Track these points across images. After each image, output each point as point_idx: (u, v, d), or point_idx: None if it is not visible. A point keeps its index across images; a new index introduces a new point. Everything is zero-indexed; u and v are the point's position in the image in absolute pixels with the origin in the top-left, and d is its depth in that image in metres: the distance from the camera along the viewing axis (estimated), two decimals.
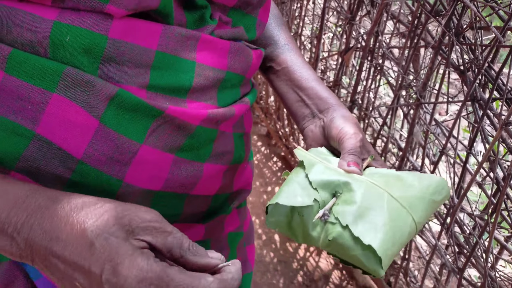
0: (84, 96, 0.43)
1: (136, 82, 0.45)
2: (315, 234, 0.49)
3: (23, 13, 0.40)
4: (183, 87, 0.48)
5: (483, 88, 0.92)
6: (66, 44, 0.41)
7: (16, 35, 0.40)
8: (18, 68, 0.41)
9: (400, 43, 1.28)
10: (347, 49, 1.32)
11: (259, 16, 0.57)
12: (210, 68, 0.49)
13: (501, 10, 0.81)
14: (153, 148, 0.47)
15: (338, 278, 1.66)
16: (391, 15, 1.13)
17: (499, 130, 0.80)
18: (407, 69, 1.08)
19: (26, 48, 0.41)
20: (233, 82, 0.53)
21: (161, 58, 0.46)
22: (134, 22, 0.44)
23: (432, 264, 1.26)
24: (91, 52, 0.43)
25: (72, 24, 0.41)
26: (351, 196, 0.48)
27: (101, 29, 0.42)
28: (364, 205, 0.47)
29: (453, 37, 0.89)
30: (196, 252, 0.40)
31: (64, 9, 0.41)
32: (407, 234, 0.48)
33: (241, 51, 0.53)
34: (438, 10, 0.96)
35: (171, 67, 0.47)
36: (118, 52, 0.44)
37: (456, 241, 1.05)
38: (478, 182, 0.96)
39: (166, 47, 0.46)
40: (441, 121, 1.08)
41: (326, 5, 1.38)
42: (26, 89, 0.42)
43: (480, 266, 0.99)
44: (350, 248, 0.47)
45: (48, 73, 0.41)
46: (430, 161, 1.13)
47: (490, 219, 0.89)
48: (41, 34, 0.41)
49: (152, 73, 0.46)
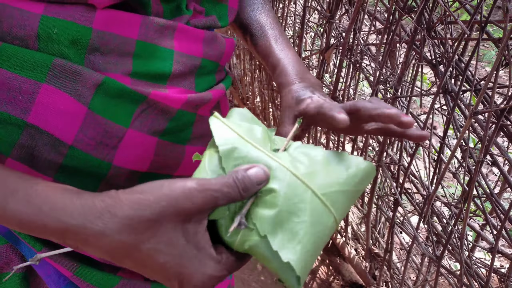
0: (72, 85, 0.45)
1: (120, 70, 0.48)
2: (228, 239, 0.42)
3: (11, 8, 0.42)
4: (163, 74, 0.51)
5: (454, 80, 0.95)
6: (54, 37, 0.44)
7: (6, 29, 0.42)
8: (8, 61, 0.43)
9: (377, 40, 1.31)
10: (327, 47, 1.35)
11: (230, 3, 0.60)
12: (187, 55, 0.52)
13: (468, 4, 0.85)
14: (138, 131, 0.50)
15: (325, 273, 1.68)
16: (368, 12, 1.17)
17: (469, 119, 0.83)
18: (384, 65, 1.11)
19: (15, 42, 0.43)
20: (209, 69, 0.56)
21: (142, 47, 0.49)
22: (115, 13, 0.47)
23: (414, 255, 1.29)
24: (77, 43, 0.45)
25: (59, 18, 0.44)
26: (272, 197, 0.42)
27: (85, 21, 0.45)
28: (285, 209, 0.41)
29: (425, 32, 0.92)
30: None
31: (49, 3, 0.43)
32: (327, 237, 0.44)
33: (215, 39, 0.56)
34: (411, 7, 0.99)
35: (151, 55, 0.50)
36: (102, 42, 0.46)
37: (434, 230, 1.08)
38: (453, 171, 0.99)
39: (145, 36, 0.49)
40: (417, 115, 1.11)
41: (306, 4, 1.41)
42: (17, 81, 0.44)
43: (457, 253, 1.02)
44: (267, 259, 0.42)
45: (38, 65, 0.44)
46: (407, 153, 1.16)
47: (464, 207, 0.92)
48: (29, 28, 0.43)
49: (134, 61, 0.49)
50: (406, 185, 1.15)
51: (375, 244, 1.50)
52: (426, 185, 1.03)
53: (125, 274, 0.55)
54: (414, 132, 0.50)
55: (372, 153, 1.45)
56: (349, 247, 1.65)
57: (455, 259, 1.07)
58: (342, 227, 1.70)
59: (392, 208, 1.19)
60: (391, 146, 1.23)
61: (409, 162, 1.07)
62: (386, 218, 1.39)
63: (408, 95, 1.02)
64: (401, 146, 1.12)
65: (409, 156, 1.15)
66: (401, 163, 1.13)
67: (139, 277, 0.57)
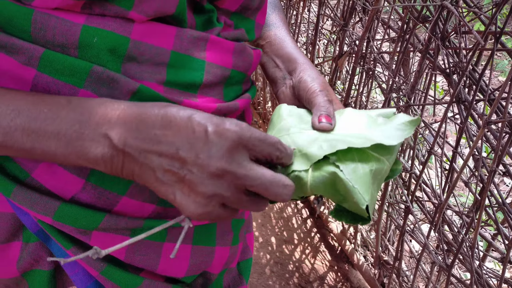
0: (108, 91, 0.47)
1: (155, 79, 0.50)
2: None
3: (55, 18, 0.44)
4: (195, 83, 0.52)
5: (468, 89, 0.96)
6: (93, 45, 0.46)
7: (49, 37, 0.45)
8: (49, 66, 0.45)
9: (390, 48, 1.32)
10: (340, 54, 1.36)
11: (257, 19, 0.62)
12: (217, 66, 0.54)
13: (482, 15, 0.86)
14: None
15: (333, 279, 1.68)
16: (382, 21, 1.18)
17: (482, 128, 0.84)
18: (397, 73, 1.12)
19: (57, 49, 0.45)
20: (237, 79, 0.58)
21: (176, 57, 0.51)
22: (152, 25, 0.49)
23: (423, 264, 1.29)
24: (115, 52, 0.47)
25: (99, 27, 0.46)
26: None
27: (124, 32, 0.47)
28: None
29: (439, 41, 0.93)
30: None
31: (91, 15, 0.46)
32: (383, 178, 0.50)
33: (244, 50, 0.58)
34: (425, 16, 1.00)
35: (184, 65, 0.51)
36: (138, 51, 0.48)
37: (445, 239, 1.08)
38: (465, 180, 0.99)
39: (180, 47, 0.51)
40: (430, 123, 1.12)
41: (320, 12, 1.42)
42: (56, 85, 0.46)
43: (467, 263, 1.02)
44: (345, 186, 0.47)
45: (77, 71, 0.46)
46: (419, 161, 1.17)
47: (475, 216, 0.92)
48: (71, 36, 0.45)
49: (168, 70, 0.50)
50: (417, 193, 1.15)
51: (385, 252, 1.50)
52: (438, 194, 1.03)
53: (148, 275, 0.57)
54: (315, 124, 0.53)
55: None
56: (358, 254, 1.65)
57: (465, 268, 1.06)
58: (351, 234, 1.70)
59: (403, 216, 1.20)
60: (403, 154, 1.24)
61: (421, 170, 1.08)
62: (396, 225, 1.39)
63: (422, 104, 1.03)
64: (413, 154, 1.13)
65: (421, 164, 1.15)
66: (412, 171, 1.14)
67: (161, 278, 0.58)
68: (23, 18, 0.43)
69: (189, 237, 0.59)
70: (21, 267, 0.54)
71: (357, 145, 0.47)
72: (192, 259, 0.59)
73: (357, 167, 0.47)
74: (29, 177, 0.49)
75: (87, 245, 0.53)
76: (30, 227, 0.52)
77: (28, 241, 0.54)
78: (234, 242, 0.65)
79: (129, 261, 0.54)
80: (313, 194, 0.49)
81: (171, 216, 0.56)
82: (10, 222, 0.52)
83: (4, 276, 0.54)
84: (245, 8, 0.59)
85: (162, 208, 0.55)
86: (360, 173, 0.46)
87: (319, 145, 0.48)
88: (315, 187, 0.47)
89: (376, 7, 1.10)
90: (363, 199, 0.45)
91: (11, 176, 0.50)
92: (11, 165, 0.49)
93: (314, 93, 0.58)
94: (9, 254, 0.53)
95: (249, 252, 0.72)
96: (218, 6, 0.56)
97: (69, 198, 0.50)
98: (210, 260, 0.61)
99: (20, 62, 0.44)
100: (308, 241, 1.83)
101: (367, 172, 0.47)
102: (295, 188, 0.46)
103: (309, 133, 0.52)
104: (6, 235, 0.53)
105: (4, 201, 0.52)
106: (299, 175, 0.47)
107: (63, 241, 0.52)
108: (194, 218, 0.43)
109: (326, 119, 0.52)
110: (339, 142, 0.48)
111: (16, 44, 0.44)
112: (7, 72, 0.45)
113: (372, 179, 0.48)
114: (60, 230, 0.52)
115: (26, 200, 0.49)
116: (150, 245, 0.55)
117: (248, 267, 0.71)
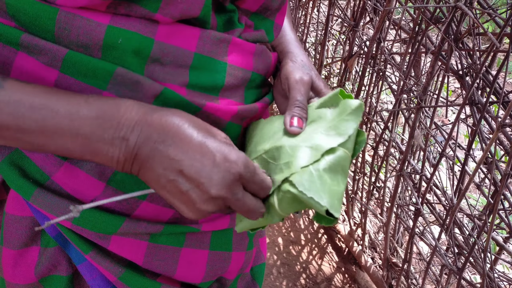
0: (132, 94, 0.46)
1: (177, 81, 0.49)
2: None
3: (80, 18, 0.43)
4: (216, 86, 0.52)
5: (481, 92, 0.95)
6: (118, 46, 0.45)
7: (73, 38, 0.44)
8: (72, 68, 0.44)
9: (401, 49, 1.31)
10: (350, 55, 1.35)
11: (276, 19, 0.60)
12: (239, 68, 0.54)
13: (497, 17, 0.85)
14: None
15: (341, 281, 1.68)
16: (393, 22, 1.17)
17: (496, 131, 0.83)
18: (408, 74, 1.11)
19: (80, 50, 0.45)
20: (257, 82, 0.57)
21: (199, 59, 0.50)
22: (176, 26, 0.48)
23: (432, 266, 1.29)
24: (140, 53, 0.46)
25: (124, 28, 0.45)
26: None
27: (149, 33, 0.46)
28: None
29: (452, 43, 0.92)
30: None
31: (116, 15, 0.45)
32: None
33: (264, 53, 0.57)
34: (438, 17, 0.99)
35: (207, 68, 0.51)
36: (162, 53, 0.47)
37: (456, 242, 1.08)
38: (477, 183, 0.98)
39: (203, 49, 0.50)
40: (441, 125, 1.11)
41: (330, 12, 1.42)
42: (79, 87, 0.45)
43: (479, 266, 1.01)
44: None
45: (100, 73, 0.45)
46: (430, 163, 1.16)
47: (488, 220, 0.91)
48: (95, 37, 0.44)
49: (191, 72, 0.50)
50: (427, 195, 1.14)
51: (393, 254, 1.49)
52: (450, 196, 1.02)
53: (165, 280, 0.56)
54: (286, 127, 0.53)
55: (394, 162, 1.44)
56: (366, 255, 1.64)
57: (476, 271, 1.06)
58: (359, 236, 1.69)
59: (413, 218, 1.19)
60: (413, 156, 1.23)
61: (432, 173, 1.07)
62: (405, 227, 1.38)
63: (434, 105, 1.02)
64: (424, 156, 1.12)
65: (432, 166, 1.14)
66: (423, 173, 1.13)
67: (177, 284, 0.58)
68: (48, 18, 0.43)
69: (206, 242, 0.58)
70: (39, 272, 0.53)
71: (308, 161, 0.48)
72: (209, 264, 0.58)
73: (309, 172, 0.48)
74: (49, 180, 0.49)
75: (106, 250, 0.53)
76: (49, 231, 0.52)
77: (47, 246, 0.53)
78: (249, 247, 0.65)
79: (147, 266, 0.54)
80: (286, 214, 0.50)
81: (189, 221, 0.56)
82: (29, 226, 0.52)
83: (22, 281, 0.53)
84: (266, 9, 0.58)
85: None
86: (313, 179, 0.48)
87: (280, 169, 0.50)
88: (283, 208, 0.49)
89: (388, 8, 1.10)
90: (319, 206, 0.47)
91: (31, 179, 0.49)
92: (31, 168, 0.49)
93: (291, 85, 0.57)
94: (27, 259, 0.53)
95: (262, 257, 0.72)
96: (239, 6, 0.55)
97: (89, 202, 0.50)
98: (226, 265, 0.61)
99: (43, 63, 0.44)
100: (315, 242, 1.82)
101: (320, 173, 0.48)
102: (273, 214, 0.50)
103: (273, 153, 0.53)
104: (24, 240, 0.52)
105: (23, 205, 0.52)
106: (269, 201, 0.50)
107: (82, 245, 0.51)
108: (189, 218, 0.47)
109: (298, 123, 0.52)
110: (294, 160, 0.49)
111: (39, 45, 0.43)
112: (29, 73, 0.44)
113: (329, 174, 0.48)
114: (79, 234, 0.51)
115: (46, 203, 0.48)
116: (168, 250, 0.55)
117: (261, 272, 0.71)
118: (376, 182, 1.44)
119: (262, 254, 0.72)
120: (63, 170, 0.49)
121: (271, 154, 0.51)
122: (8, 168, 0.49)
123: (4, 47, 0.43)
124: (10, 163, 0.49)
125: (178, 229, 0.55)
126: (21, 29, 0.43)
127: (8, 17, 0.43)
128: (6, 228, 0.52)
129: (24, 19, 0.43)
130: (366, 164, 1.51)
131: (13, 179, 0.49)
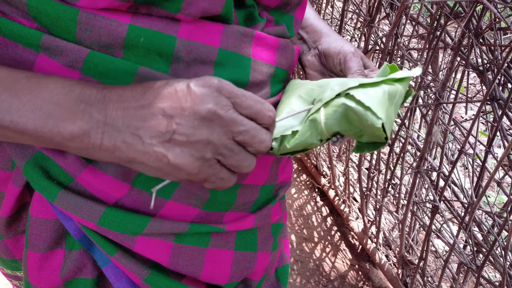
0: None
1: None
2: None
3: (101, 18, 0.43)
4: (242, 82, 0.51)
5: (502, 88, 0.93)
6: (140, 45, 0.44)
7: (94, 38, 0.43)
8: (94, 68, 0.44)
9: (419, 44, 1.29)
10: (365, 51, 1.34)
11: (296, 14, 0.60)
12: (263, 63, 0.53)
13: None
14: None
15: (354, 278, 1.67)
16: (410, 17, 1.16)
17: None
18: (426, 70, 1.09)
19: (102, 50, 0.44)
20: (280, 78, 0.57)
21: (223, 55, 0.49)
22: (199, 23, 0.47)
23: (449, 264, 1.27)
24: (163, 52, 0.46)
25: (145, 27, 0.44)
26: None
27: (171, 31, 0.45)
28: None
29: (473, 38, 0.91)
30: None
31: (137, 14, 0.44)
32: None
33: (288, 47, 0.57)
34: (458, 12, 0.98)
35: (231, 63, 0.50)
36: (186, 51, 0.47)
37: (475, 239, 1.06)
38: (497, 180, 0.97)
39: (227, 44, 0.49)
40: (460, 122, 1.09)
41: (345, 8, 1.40)
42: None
43: (499, 264, 1.00)
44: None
45: (122, 73, 0.44)
46: (448, 160, 1.14)
47: (509, 217, 0.90)
48: (117, 36, 0.44)
49: (216, 69, 0.49)
50: (444, 192, 1.13)
51: (409, 251, 1.48)
52: (468, 194, 1.01)
53: (190, 282, 0.56)
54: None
55: (410, 160, 1.43)
56: (380, 253, 1.63)
57: (495, 269, 1.04)
58: (373, 233, 1.68)
59: (430, 215, 1.18)
60: (431, 153, 1.22)
61: (450, 170, 1.06)
62: (420, 225, 1.37)
63: (454, 101, 1.01)
64: (442, 153, 1.10)
65: (450, 163, 1.13)
66: (441, 170, 1.12)
67: (202, 285, 0.57)
68: (69, 19, 0.42)
69: (232, 242, 0.58)
70: (64, 275, 0.53)
71: (369, 81, 0.47)
72: (234, 265, 0.58)
73: (368, 90, 0.46)
74: (73, 181, 0.49)
75: (131, 251, 0.52)
76: (73, 233, 0.52)
77: (72, 248, 0.53)
78: (274, 248, 0.64)
79: (173, 267, 0.54)
80: (329, 133, 0.48)
81: (214, 220, 0.55)
82: (53, 229, 0.52)
83: (47, 285, 0.53)
84: (285, 4, 0.57)
85: (206, 212, 0.54)
86: (371, 94, 0.46)
87: (331, 88, 0.48)
88: (329, 125, 0.47)
89: (406, 3, 1.08)
90: (376, 118, 0.44)
91: (55, 180, 0.49)
92: (55, 170, 0.49)
93: (347, 56, 0.57)
94: (52, 262, 0.53)
95: (286, 258, 0.71)
96: (259, 1, 0.55)
97: (113, 203, 0.50)
98: (252, 266, 0.60)
99: (64, 64, 0.43)
100: (328, 240, 1.82)
101: (379, 93, 0.46)
102: (312, 132, 0.47)
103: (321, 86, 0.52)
104: (49, 243, 0.52)
105: (47, 208, 0.51)
106: (313, 117, 0.48)
107: (107, 247, 0.51)
108: (194, 178, 0.41)
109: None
110: (350, 81, 0.48)
111: (61, 46, 0.43)
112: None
113: (386, 99, 0.47)
114: (104, 236, 0.51)
115: (70, 205, 0.48)
116: (193, 251, 0.54)
117: (285, 274, 0.70)
118: (391, 179, 1.43)
119: (286, 255, 0.71)
120: (86, 172, 0.48)
121: (315, 89, 0.51)
122: (33, 170, 0.48)
123: (24, 50, 0.43)
124: (35, 165, 0.48)
125: (203, 229, 0.54)
126: (43, 30, 0.43)
127: (30, 18, 0.43)
128: (30, 231, 0.52)
129: (46, 21, 0.42)
130: (381, 161, 1.50)
131: (37, 180, 0.48)
